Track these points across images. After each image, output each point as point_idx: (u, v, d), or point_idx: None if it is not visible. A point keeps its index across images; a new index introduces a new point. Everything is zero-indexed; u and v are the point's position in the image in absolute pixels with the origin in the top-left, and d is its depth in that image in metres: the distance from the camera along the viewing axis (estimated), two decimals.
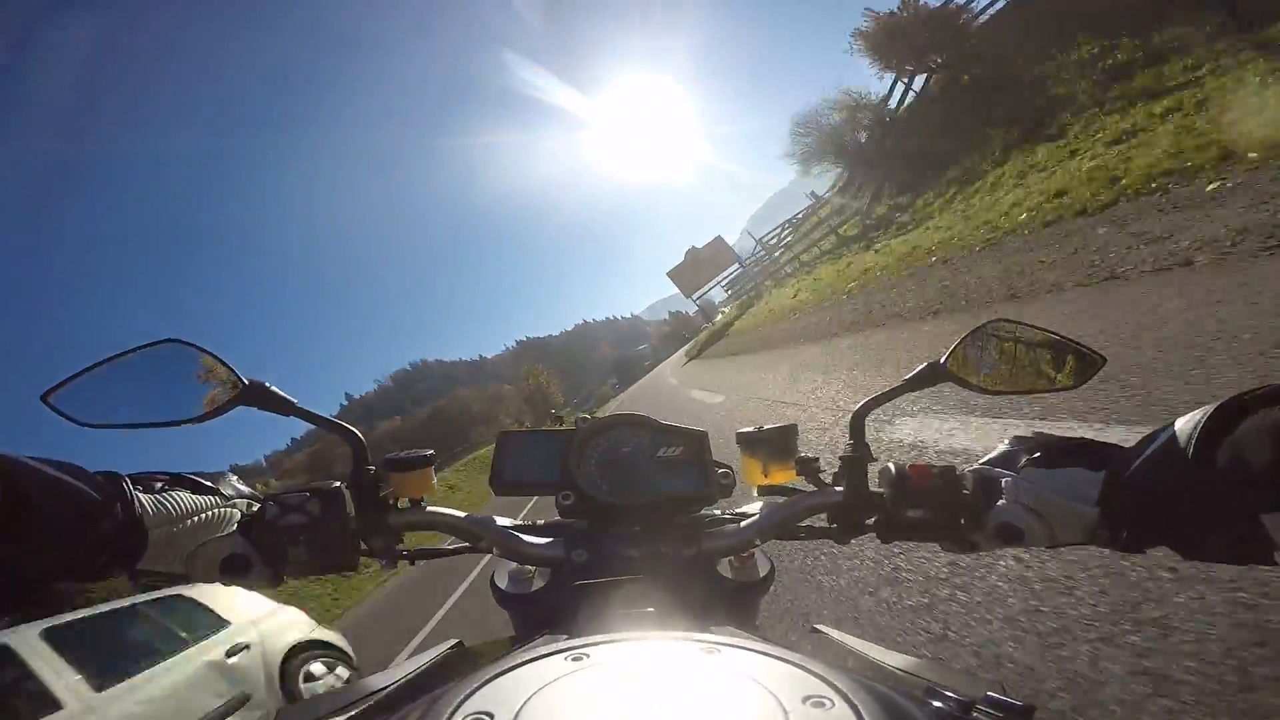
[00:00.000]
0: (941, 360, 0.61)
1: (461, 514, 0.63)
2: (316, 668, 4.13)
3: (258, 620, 4.05)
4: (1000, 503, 0.54)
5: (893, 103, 15.69)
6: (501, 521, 0.63)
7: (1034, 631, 1.54)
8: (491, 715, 0.28)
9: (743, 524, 0.63)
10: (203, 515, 0.51)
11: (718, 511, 0.68)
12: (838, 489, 0.62)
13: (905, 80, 14.93)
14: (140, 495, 0.47)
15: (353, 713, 0.41)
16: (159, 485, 0.50)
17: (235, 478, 0.58)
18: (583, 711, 0.29)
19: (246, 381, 0.56)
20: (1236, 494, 0.38)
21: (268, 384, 0.56)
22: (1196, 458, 0.39)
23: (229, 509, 0.53)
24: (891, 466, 0.59)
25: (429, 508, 0.63)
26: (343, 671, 4.27)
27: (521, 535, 0.62)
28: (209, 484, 0.54)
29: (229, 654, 3.60)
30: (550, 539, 0.61)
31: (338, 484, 0.57)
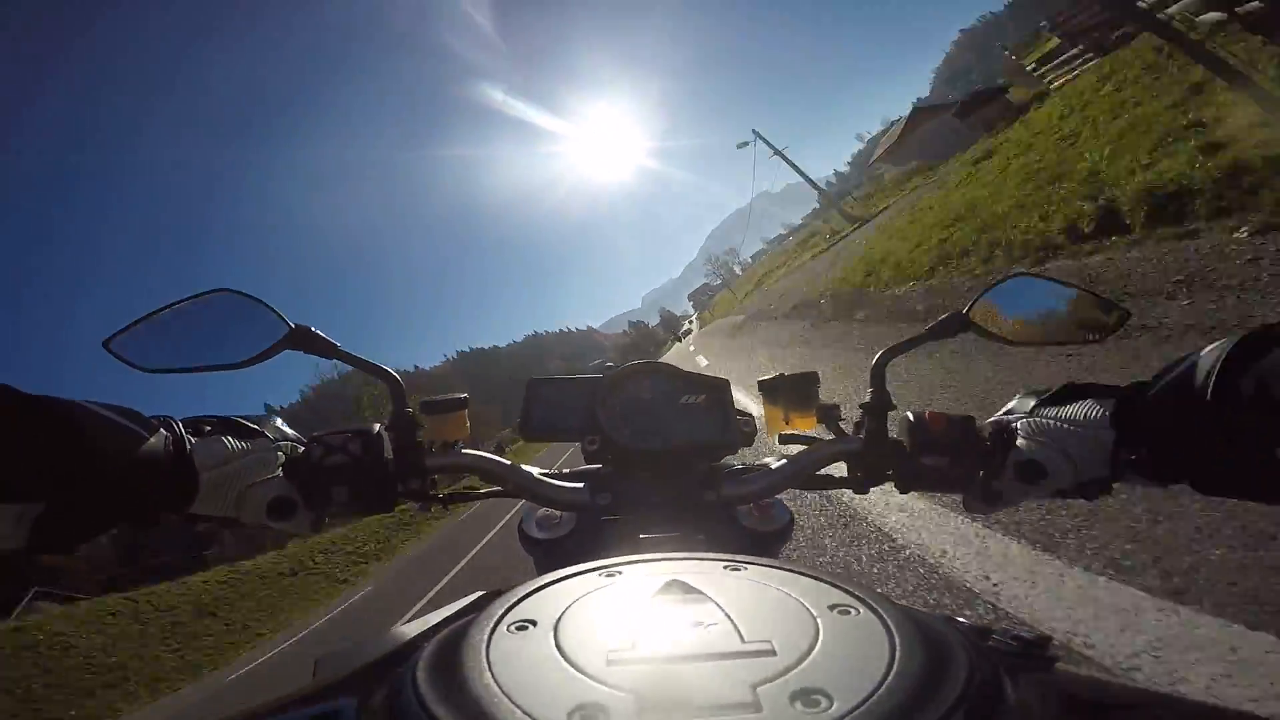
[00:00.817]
0: (965, 310, 0.63)
1: (493, 457, 0.65)
2: None
3: None
4: (1018, 442, 0.55)
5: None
6: (528, 468, 0.65)
7: None
8: (534, 622, 0.30)
9: (763, 472, 0.65)
10: (250, 457, 0.53)
11: (739, 463, 0.70)
12: (858, 437, 0.64)
13: None
14: (191, 439, 0.49)
15: (389, 649, 0.42)
16: (208, 429, 0.52)
17: (279, 420, 0.60)
18: (618, 618, 0.31)
19: (293, 325, 0.58)
20: (1258, 428, 0.38)
21: (312, 328, 0.59)
22: (1216, 388, 0.39)
23: (275, 451, 0.55)
24: (910, 415, 0.61)
25: (463, 450, 0.65)
26: None
27: (549, 480, 0.64)
28: (255, 426, 0.56)
29: None
30: (576, 484, 0.64)
31: (377, 425, 0.59)
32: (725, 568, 0.36)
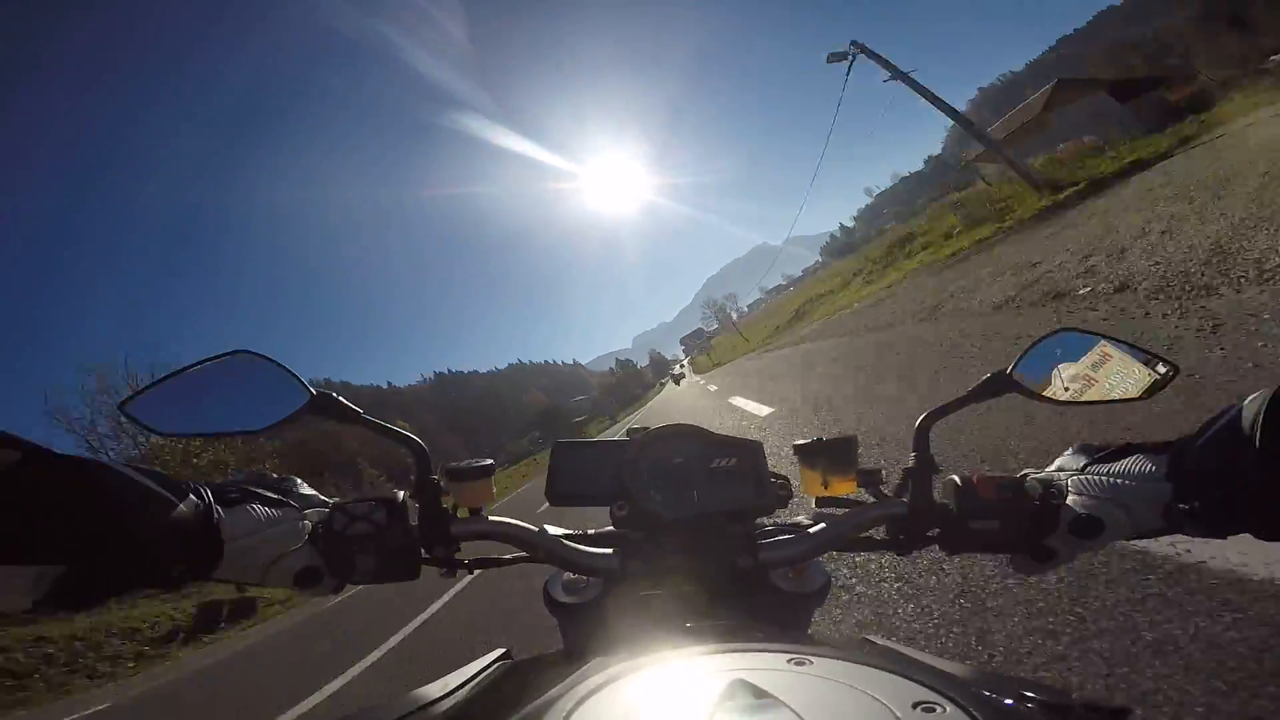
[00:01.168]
0: (1007, 370, 0.63)
1: (519, 524, 0.65)
2: None
3: None
4: (1070, 499, 0.55)
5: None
6: (554, 531, 0.65)
7: None
8: None
9: (801, 535, 0.63)
10: (277, 528, 0.53)
11: (772, 523, 0.69)
12: (901, 500, 0.63)
13: None
14: (219, 509, 0.49)
15: None
16: (233, 495, 0.52)
17: (301, 482, 0.60)
18: None
19: (315, 392, 0.59)
20: None
21: (334, 394, 0.60)
22: (1262, 437, 0.41)
23: (300, 520, 0.56)
24: (957, 479, 0.60)
25: (489, 517, 0.65)
26: None
27: (576, 545, 0.63)
28: (280, 495, 0.56)
29: None
30: (605, 549, 0.62)
31: (401, 494, 0.60)
32: (790, 661, 0.33)
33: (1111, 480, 0.53)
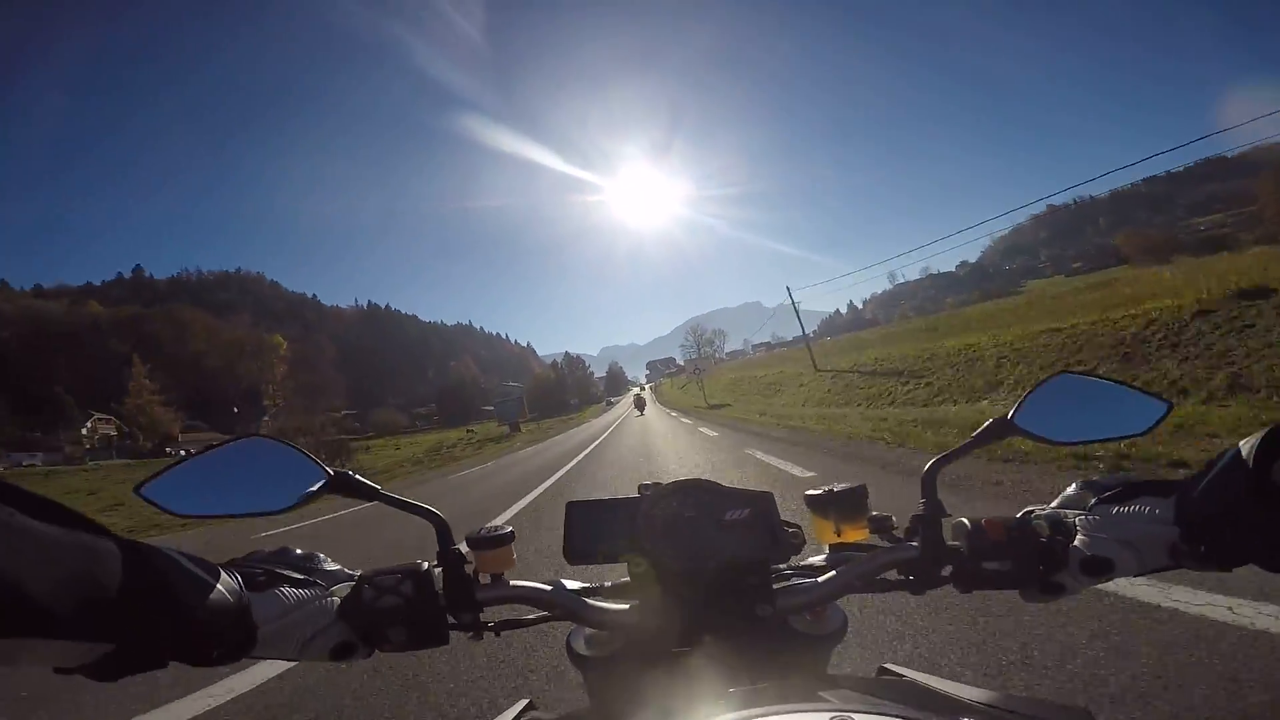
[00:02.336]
0: (1009, 415, 0.66)
1: (542, 585, 0.69)
2: None
3: None
4: (1080, 539, 0.59)
5: None
6: (572, 586, 0.69)
7: None
8: None
9: (818, 580, 0.67)
10: (306, 609, 0.56)
11: (788, 567, 0.72)
12: (912, 544, 0.66)
13: None
14: (250, 594, 0.51)
15: None
16: (260, 576, 0.54)
17: (325, 557, 0.63)
18: None
19: (331, 473, 0.62)
20: None
21: (350, 473, 0.63)
22: (1255, 475, 0.45)
23: (328, 598, 0.58)
24: (966, 522, 0.63)
25: (511, 582, 0.68)
26: None
27: (597, 602, 0.68)
28: (306, 575, 0.58)
29: None
30: (625, 605, 0.67)
31: (426, 565, 0.63)
32: (832, 718, 0.35)
33: (1120, 522, 0.56)
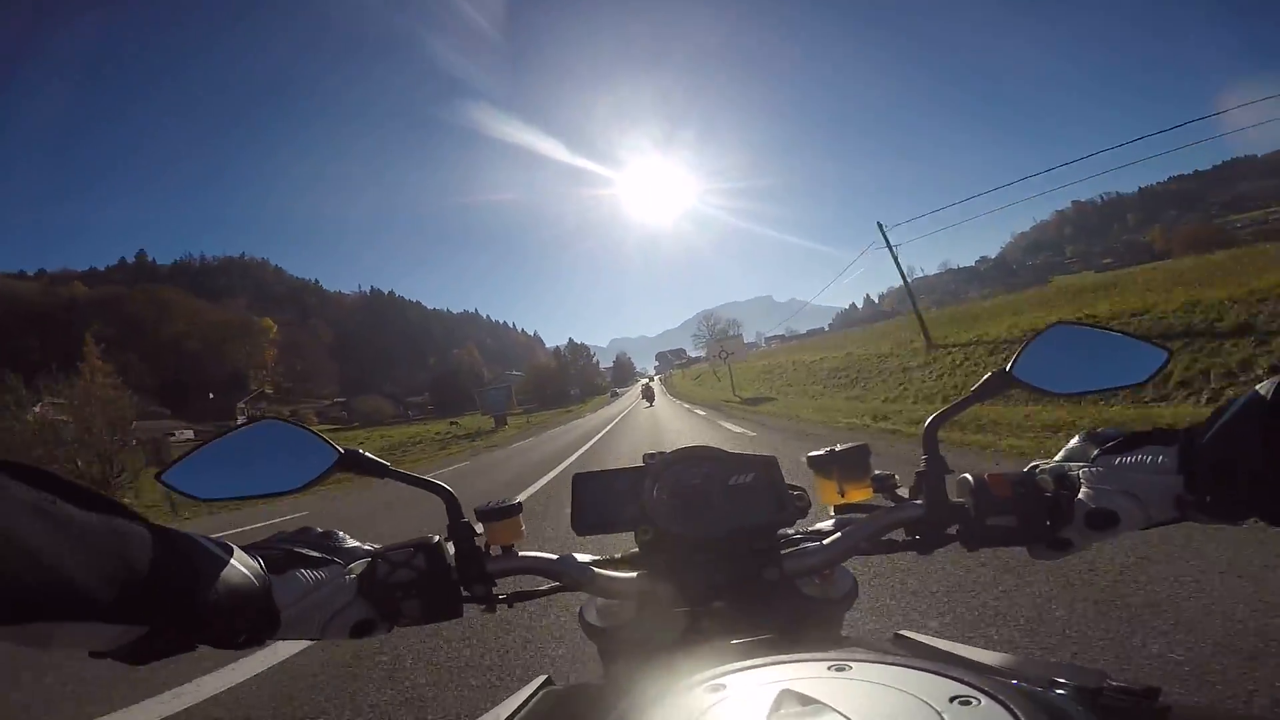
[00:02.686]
0: (1007, 367, 0.66)
1: (551, 555, 0.70)
2: None
3: None
4: (1084, 491, 0.58)
5: None
6: (583, 558, 0.69)
7: None
8: None
9: (824, 543, 0.68)
10: (326, 588, 0.57)
11: (794, 531, 0.72)
12: (916, 503, 0.67)
13: None
14: (271, 577, 0.52)
15: None
16: (280, 559, 0.55)
17: (343, 535, 0.64)
18: None
19: (342, 451, 0.64)
20: None
21: (361, 450, 0.65)
22: (1269, 425, 0.44)
23: (346, 576, 0.59)
24: (970, 478, 0.63)
25: (520, 552, 0.70)
26: None
27: (607, 571, 0.68)
28: (323, 552, 0.59)
29: None
30: (635, 573, 0.67)
31: (436, 537, 0.64)
32: (830, 668, 0.36)
33: (1123, 473, 0.55)
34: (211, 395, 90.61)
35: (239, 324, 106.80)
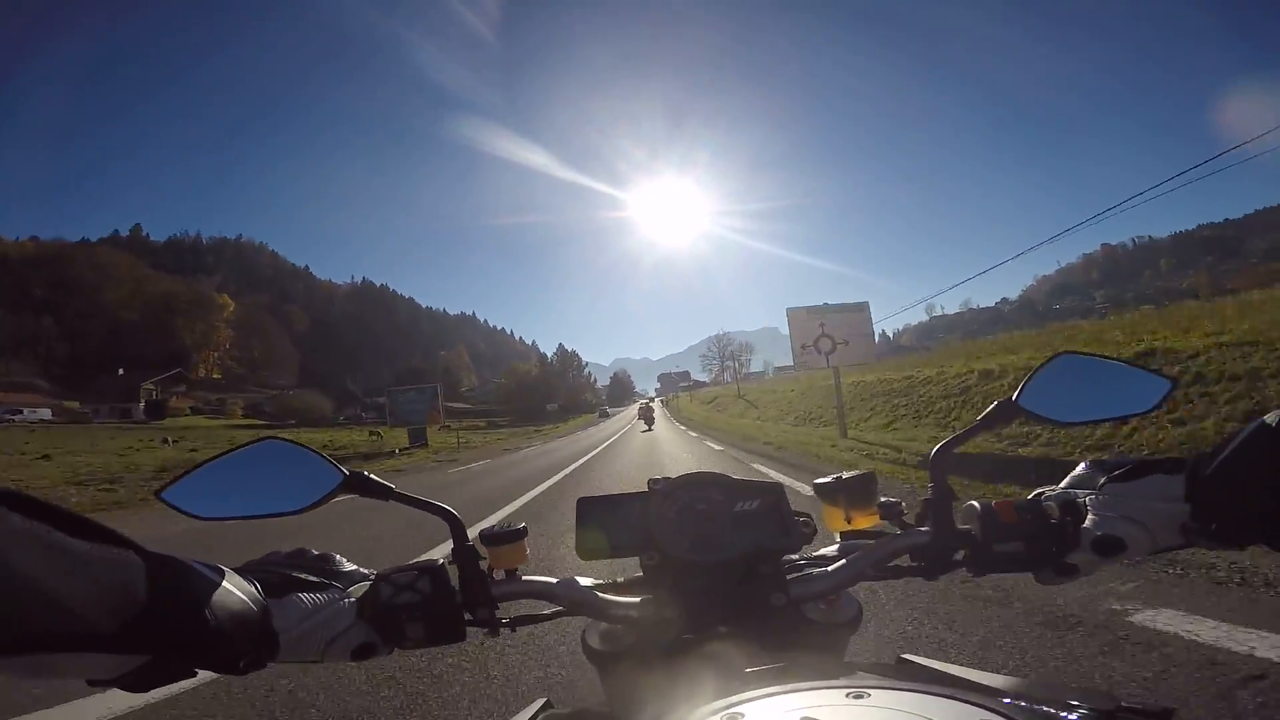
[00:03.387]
0: (1014, 397, 0.66)
1: (555, 580, 0.69)
2: None
3: None
4: (1090, 518, 0.59)
5: None
6: (586, 582, 0.69)
7: None
8: None
9: (830, 569, 0.68)
10: (326, 612, 0.57)
11: (800, 557, 0.73)
12: (923, 529, 0.67)
13: None
14: (269, 601, 0.52)
15: None
16: (277, 583, 0.55)
17: (341, 558, 0.64)
18: None
19: (347, 472, 0.64)
20: None
21: (365, 473, 0.65)
22: (1274, 454, 0.46)
23: (345, 600, 0.59)
24: (977, 505, 0.64)
25: (524, 577, 0.70)
26: None
27: (611, 596, 0.68)
28: (323, 577, 0.59)
29: None
30: (640, 598, 0.67)
31: (440, 559, 0.64)
32: (849, 695, 0.36)
33: (1130, 500, 0.56)
34: (121, 372, 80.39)
35: (188, 296, 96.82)
